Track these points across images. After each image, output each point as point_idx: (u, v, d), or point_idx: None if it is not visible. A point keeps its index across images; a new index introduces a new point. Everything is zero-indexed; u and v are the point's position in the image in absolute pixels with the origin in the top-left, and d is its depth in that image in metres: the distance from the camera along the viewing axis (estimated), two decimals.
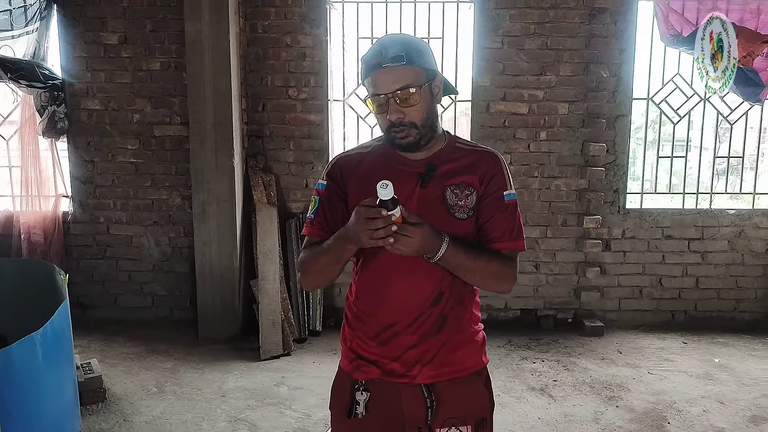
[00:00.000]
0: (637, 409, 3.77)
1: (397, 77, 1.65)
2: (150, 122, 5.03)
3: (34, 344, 2.83)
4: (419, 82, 1.67)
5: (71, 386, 3.39)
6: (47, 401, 3.01)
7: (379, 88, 1.67)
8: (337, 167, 1.83)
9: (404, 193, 1.70)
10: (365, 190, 1.71)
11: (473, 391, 1.82)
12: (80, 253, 5.19)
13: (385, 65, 1.65)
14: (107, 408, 3.73)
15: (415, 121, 1.68)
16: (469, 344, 1.82)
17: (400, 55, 1.64)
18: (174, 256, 5.17)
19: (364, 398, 1.80)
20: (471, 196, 1.75)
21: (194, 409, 3.74)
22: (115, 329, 4.95)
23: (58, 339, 3.17)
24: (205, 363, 4.40)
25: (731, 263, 5.16)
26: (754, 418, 3.66)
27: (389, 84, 1.65)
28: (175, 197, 5.10)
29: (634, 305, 5.21)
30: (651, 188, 5.39)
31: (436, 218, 1.68)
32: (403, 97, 1.65)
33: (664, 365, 4.42)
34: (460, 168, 1.76)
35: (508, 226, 1.78)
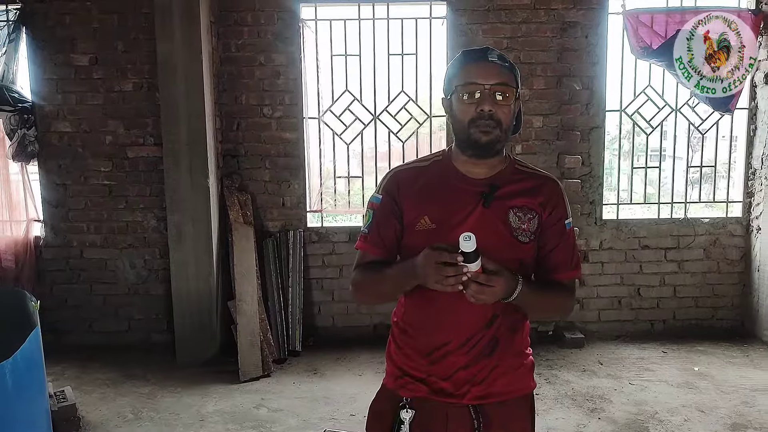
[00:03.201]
0: (619, 421, 3.76)
1: (500, 73, 1.67)
2: (123, 143, 4.97)
3: (4, 374, 2.75)
4: (513, 86, 1.70)
5: (44, 416, 3.30)
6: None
7: (479, 78, 1.66)
8: (394, 182, 1.80)
9: (465, 212, 1.71)
10: (422, 208, 1.74)
11: (519, 416, 1.81)
12: (53, 278, 5.09)
13: (491, 59, 1.68)
14: None
15: (502, 120, 1.67)
16: (519, 368, 1.81)
17: (504, 57, 1.70)
18: (150, 279, 5.09)
19: (409, 417, 1.77)
20: (533, 220, 1.73)
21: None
22: (91, 355, 4.84)
23: (29, 368, 3.09)
24: (182, 387, 4.32)
25: (707, 271, 5.20)
26: (734, 426, 3.67)
27: (491, 76, 1.66)
28: (150, 219, 5.03)
29: (613, 316, 5.23)
30: (627, 199, 5.43)
31: (498, 239, 1.69)
32: (500, 92, 1.66)
33: (644, 375, 4.43)
34: (523, 190, 1.75)
35: (570, 256, 1.80)
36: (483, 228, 1.65)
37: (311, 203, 5.18)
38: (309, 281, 5.10)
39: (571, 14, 4.91)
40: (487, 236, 1.63)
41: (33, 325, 3.37)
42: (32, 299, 3.66)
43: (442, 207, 1.72)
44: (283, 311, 4.92)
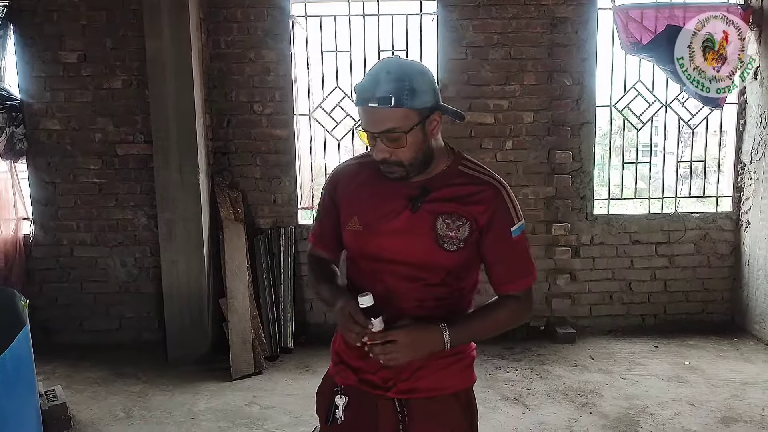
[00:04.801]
0: (611, 415, 3.78)
1: (384, 118, 1.57)
2: (113, 141, 4.94)
3: None
4: (408, 125, 1.58)
5: (34, 415, 3.28)
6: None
7: (366, 125, 1.62)
8: (333, 180, 1.84)
9: (392, 216, 1.70)
10: (354, 208, 1.76)
11: (450, 413, 1.77)
12: (43, 276, 5.06)
13: (371, 105, 1.56)
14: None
15: (402, 161, 1.63)
16: (450, 366, 1.76)
17: (388, 96, 1.54)
18: (141, 277, 5.07)
19: (342, 402, 1.78)
20: (463, 227, 1.67)
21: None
22: (81, 354, 4.81)
23: (18, 367, 3.07)
24: (174, 385, 4.31)
25: (698, 266, 5.23)
26: (725, 419, 3.70)
27: (375, 124, 1.59)
28: (140, 217, 5.01)
29: (604, 311, 5.25)
30: (618, 194, 5.44)
31: (422, 246, 1.67)
32: (390, 138, 1.59)
33: (636, 369, 4.45)
34: (458, 196, 1.69)
35: (519, 266, 1.74)
36: (408, 233, 1.68)
37: (302, 200, 5.17)
38: (301, 278, 5.09)
39: (561, 10, 4.91)
40: (411, 242, 1.67)
41: (22, 324, 3.35)
42: (21, 298, 3.64)
43: (372, 208, 1.73)
44: (274, 308, 4.90)
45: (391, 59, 1.67)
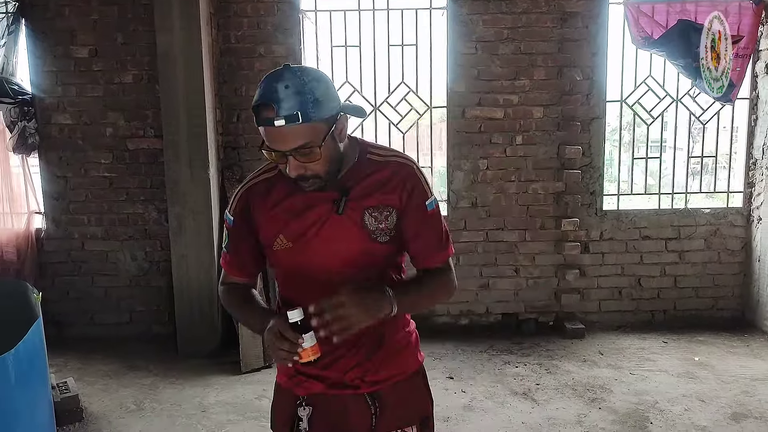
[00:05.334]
0: (620, 410, 3.77)
1: (294, 135, 1.49)
2: (123, 135, 4.97)
3: (6, 366, 2.76)
4: (319, 137, 1.52)
5: (47, 407, 3.31)
6: (21, 424, 2.93)
7: (275, 145, 1.52)
8: (244, 201, 1.73)
9: (318, 223, 1.66)
10: (276, 226, 1.69)
11: (415, 391, 1.83)
12: (55, 270, 5.10)
13: (278, 124, 1.47)
14: (85, 428, 3.66)
15: (319, 173, 1.57)
16: (406, 348, 1.81)
17: (294, 113, 1.46)
18: (151, 271, 5.10)
19: (306, 413, 1.75)
20: (390, 216, 1.67)
21: (174, 426, 3.68)
22: (93, 347, 4.85)
23: (31, 359, 3.10)
24: (184, 378, 4.33)
25: (708, 262, 5.21)
26: (735, 415, 3.69)
27: (285, 143, 1.51)
28: (150, 211, 5.04)
29: (614, 306, 5.24)
30: (627, 189, 5.42)
31: (356, 245, 1.66)
32: (303, 154, 1.52)
33: (645, 365, 4.44)
34: (376, 185, 1.68)
35: (436, 239, 1.74)
36: (340, 237, 1.66)
37: None
38: None
39: (572, 4, 4.89)
40: (346, 244, 1.66)
41: (35, 317, 3.38)
42: (34, 291, 3.67)
43: (296, 222, 1.67)
44: None
45: (282, 71, 1.52)
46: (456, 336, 4.96)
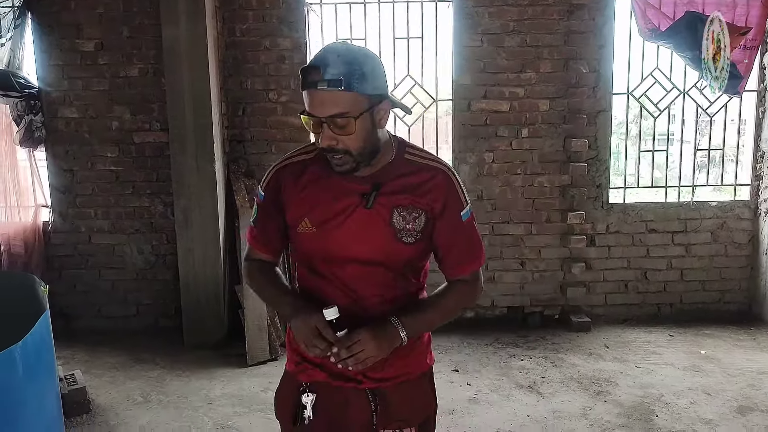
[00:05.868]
0: (625, 403, 3.77)
1: (333, 101, 1.50)
2: (129, 129, 4.98)
3: (14, 358, 2.77)
4: (357, 110, 1.52)
5: (54, 399, 3.34)
6: (29, 415, 2.95)
7: (314, 109, 1.53)
8: (276, 180, 1.74)
9: (345, 214, 1.65)
10: (303, 209, 1.69)
11: (419, 393, 1.80)
12: (62, 263, 5.12)
13: (320, 87, 1.49)
14: (92, 419, 3.68)
15: (350, 149, 1.56)
16: (416, 348, 1.78)
17: (339, 79, 1.48)
18: (157, 264, 5.12)
19: (310, 400, 1.74)
20: (419, 218, 1.66)
21: (181, 418, 3.70)
22: (100, 339, 4.88)
23: (39, 352, 3.12)
24: (191, 371, 4.35)
25: (715, 255, 5.19)
26: (741, 409, 3.68)
27: (324, 108, 1.52)
28: (157, 204, 5.05)
29: (620, 300, 5.23)
30: (634, 182, 5.39)
31: (382, 242, 1.65)
32: (338, 124, 1.52)
33: (651, 358, 4.43)
34: (409, 186, 1.66)
35: (469, 249, 1.74)
36: (365, 230, 1.64)
37: None
38: None
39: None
40: (369, 239, 1.64)
41: (42, 310, 3.40)
42: (41, 283, 3.69)
43: (323, 208, 1.66)
44: None
45: (339, 44, 1.59)
46: (461, 329, 4.96)
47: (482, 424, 3.56)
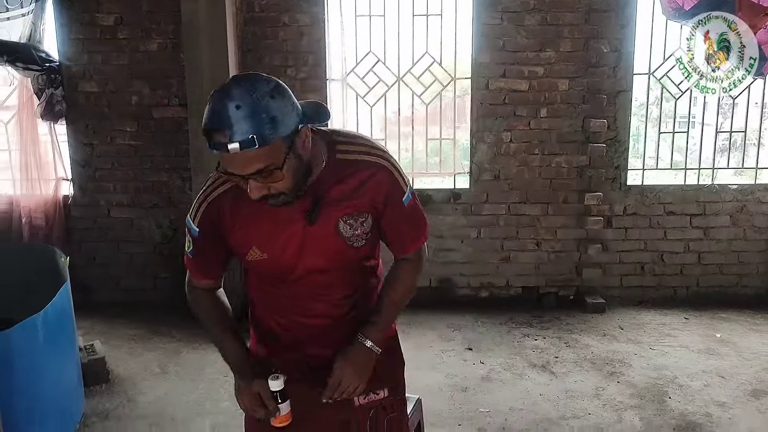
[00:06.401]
0: (639, 385, 3.78)
1: (252, 159, 1.38)
2: (148, 104, 5.00)
3: (36, 327, 2.84)
4: (280, 157, 1.41)
5: (74, 368, 3.41)
6: (50, 383, 3.03)
7: (233, 169, 1.42)
8: (215, 211, 1.63)
9: (292, 234, 1.60)
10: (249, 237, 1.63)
11: (388, 357, 1.81)
12: (81, 236, 5.19)
13: (233, 149, 1.35)
14: (111, 389, 3.76)
15: (284, 190, 1.48)
16: None
17: (250, 138, 1.34)
18: (175, 239, 5.16)
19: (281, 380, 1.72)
20: (366, 221, 1.64)
21: (197, 390, 3.77)
22: (118, 312, 4.95)
23: (60, 321, 3.19)
24: (207, 344, 4.38)
25: (733, 238, 5.14)
26: (755, 392, 3.67)
27: (242, 167, 1.40)
28: (175, 179, 5.09)
29: (635, 282, 5.21)
30: (653, 165, 5.34)
31: (332, 253, 1.64)
32: (264, 176, 1.42)
33: (665, 341, 4.43)
34: (349, 192, 1.60)
35: (413, 229, 1.75)
36: (314, 246, 1.62)
37: None
38: None
39: None
40: (321, 252, 1.63)
41: (63, 280, 3.46)
42: (62, 255, 3.76)
43: (269, 234, 1.61)
44: None
45: (231, 88, 1.38)
46: (476, 308, 4.98)
47: (495, 401, 3.58)
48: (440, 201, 5.05)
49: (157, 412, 3.50)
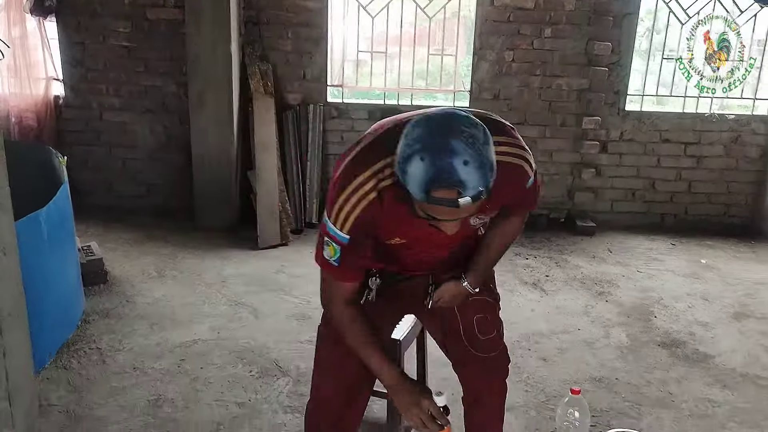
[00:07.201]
0: (626, 304, 3.90)
1: (473, 207, 1.39)
2: (143, 4, 4.80)
3: (39, 222, 2.83)
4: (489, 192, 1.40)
5: (74, 266, 3.43)
6: (52, 280, 3.05)
7: (447, 217, 1.43)
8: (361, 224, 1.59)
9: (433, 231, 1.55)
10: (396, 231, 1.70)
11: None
12: (73, 138, 5.09)
13: (464, 204, 1.35)
14: (109, 289, 3.79)
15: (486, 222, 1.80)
16: None
17: (480, 191, 1.34)
18: (169, 145, 5.10)
19: (377, 284, 1.87)
20: (493, 209, 1.75)
21: (195, 293, 3.82)
22: (111, 216, 4.91)
23: (61, 219, 3.18)
24: (203, 250, 4.44)
25: (725, 168, 5.20)
26: (737, 315, 3.81)
27: (460, 213, 1.41)
28: (169, 84, 4.97)
29: (626, 207, 5.29)
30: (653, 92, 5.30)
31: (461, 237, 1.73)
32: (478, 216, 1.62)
33: (652, 264, 4.54)
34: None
35: (528, 202, 1.85)
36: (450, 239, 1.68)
37: (332, 77, 5.10)
38: (327, 156, 5.12)
39: None
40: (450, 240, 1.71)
41: (60, 180, 3.43)
42: (58, 155, 3.71)
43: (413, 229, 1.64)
44: (300, 184, 4.97)
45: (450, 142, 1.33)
46: None
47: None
48: None
49: (157, 312, 3.55)
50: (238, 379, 2.95)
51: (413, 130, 1.37)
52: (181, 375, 2.96)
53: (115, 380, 2.89)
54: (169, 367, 3.02)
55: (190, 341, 3.26)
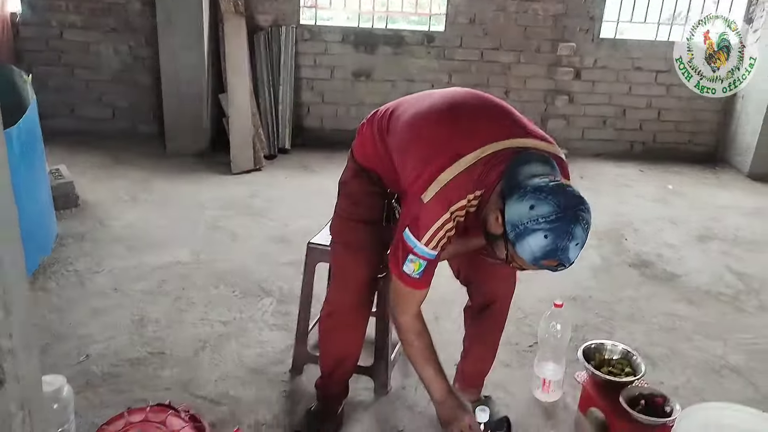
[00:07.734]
0: (598, 228, 3.92)
1: None
2: None
3: (11, 139, 2.72)
4: None
5: (46, 188, 3.34)
6: (26, 200, 2.96)
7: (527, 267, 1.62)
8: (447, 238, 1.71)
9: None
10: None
11: None
12: (32, 58, 4.86)
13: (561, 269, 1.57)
14: (82, 213, 3.72)
15: None
16: None
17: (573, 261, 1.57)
18: (135, 67, 4.92)
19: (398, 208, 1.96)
20: None
21: (170, 217, 3.77)
22: (76, 139, 4.76)
23: (31, 138, 3.08)
24: (175, 175, 4.37)
25: (693, 97, 5.22)
26: (701, 237, 3.95)
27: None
28: (134, 2, 4.75)
29: (596, 135, 5.35)
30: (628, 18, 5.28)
31: None
32: None
33: (622, 190, 4.65)
34: None
35: None
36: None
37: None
38: (299, 81, 5.02)
39: None
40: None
41: (25, 99, 3.30)
42: (22, 74, 3.55)
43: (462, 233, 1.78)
44: (273, 109, 4.87)
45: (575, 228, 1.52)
46: None
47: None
48: (414, 43, 4.92)
49: (133, 235, 3.50)
50: (221, 299, 2.95)
51: (540, 206, 1.50)
52: (162, 296, 2.95)
53: (96, 301, 2.86)
54: (150, 288, 3.00)
55: (169, 263, 3.23)
